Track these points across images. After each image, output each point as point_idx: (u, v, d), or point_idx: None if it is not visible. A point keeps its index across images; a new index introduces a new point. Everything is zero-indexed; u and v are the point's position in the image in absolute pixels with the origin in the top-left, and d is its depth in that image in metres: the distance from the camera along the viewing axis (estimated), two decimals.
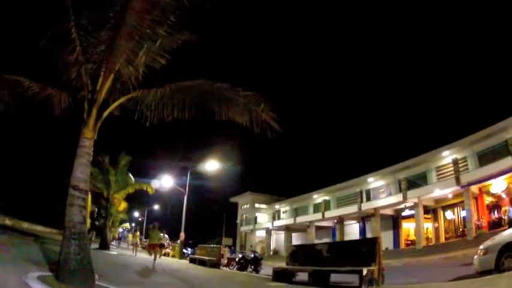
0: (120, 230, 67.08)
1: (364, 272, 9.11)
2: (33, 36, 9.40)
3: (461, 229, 32.36)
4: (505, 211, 28.06)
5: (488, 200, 30.71)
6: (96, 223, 33.34)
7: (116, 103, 10.04)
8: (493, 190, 29.83)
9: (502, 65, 63.68)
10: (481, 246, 10.15)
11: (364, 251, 10.41)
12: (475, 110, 63.24)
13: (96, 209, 33.26)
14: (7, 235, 18.09)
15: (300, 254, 14.31)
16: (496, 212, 29.50)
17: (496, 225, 27.35)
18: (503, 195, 29.04)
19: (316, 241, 39.34)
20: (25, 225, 34.63)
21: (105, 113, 9.71)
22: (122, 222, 59.36)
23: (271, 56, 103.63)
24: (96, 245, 27.99)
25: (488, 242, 10.11)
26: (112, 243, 44.37)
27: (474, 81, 70.12)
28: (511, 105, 35.70)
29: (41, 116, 11.20)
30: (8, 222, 31.51)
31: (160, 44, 9.96)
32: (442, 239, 34.17)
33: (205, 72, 10.59)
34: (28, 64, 10.37)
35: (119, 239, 58.51)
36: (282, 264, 14.82)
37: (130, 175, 32.12)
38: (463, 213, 31.52)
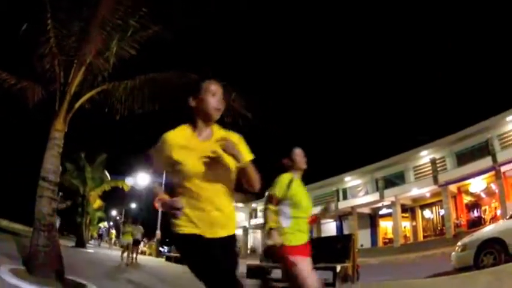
0: (102, 226, 65.51)
1: (338, 268, 8.80)
2: (8, 25, 9.36)
3: (439, 228, 32.55)
4: (485, 210, 28.22)
5: (467, 199, 30.95)
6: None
7: (87, 95, 9.89)
8: (472, 189, 30.09)
9: (484, 67, 64.36)
10: (459, 243, 10.02)
11: (338, 248, 10.13)
12: (454, 111, 63.76)
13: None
14: None
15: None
16: (475, 211, 29.68)
17: (476, 224, 27.36)
18: (483, 195, 29.20)
19: None
20: (4, 222, 33.81)
21: (76, 105, 9.56)
22: (99, 220, 58.53)
23: (253, 50, 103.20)
24: (73, 243, 27.40)
25: (467, 239, 10.01)
26: (90, 242, 43.60)
27: (455, 82, 70.71)
28: (492, 105, 36.03)
29: (16, 110, 11.03)
30: None
31: (132, 35, 9.88)
32: (421, 238, 34.32)
33: (191, 66, 10.56)
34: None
35: (99, 236, 53.98)
36: (258, 262, 14.48)
37: (106, 172, 31.66)
38: (442, 212, 31.69)
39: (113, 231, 45.13)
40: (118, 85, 10.13)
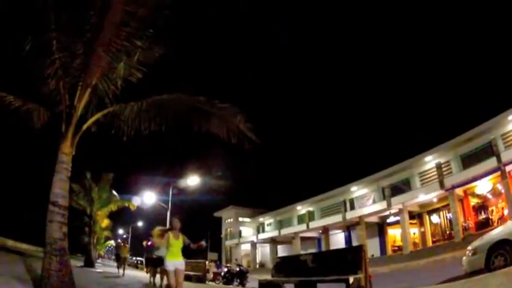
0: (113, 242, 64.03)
1: (351, 280, 8.79)
2: (14, 48, 9.28)
3: (448, 232, 32.34)
4: (492, 211, 28.11)
5: (474, 201, 30.80)
6: None
7: (93, 118, 10.00)
8: (478, 191, 29.96)
9: (483, 68, 64.40)
10: (470, 247, 9.95)
11: (349, 259, 10.10)
12: (456, 113, 63.75)
13: None
14: None
15: (285, 266, 13.92)
16: (483, 213, 29.54)
17: (484, 226, 27.34)
18: (489, 196, 29.12)
19: (302, 252, 38.96)
20: (10, 242, 33.82)
21: (83, 128, 9.68)
22: (106, 239, 58.23)
23: (249, 68, 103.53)
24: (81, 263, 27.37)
25: (477, 242, 9.92)
26: (98, 261, 43.24)
27: (454, 85, 70.69)
28: (493, 106, 36.13)
29: (23, 132, 11.11)
30: None
31: (137, 57, 9.92)
32: (429, 243, 34.13)
33: (183, 85, 10.60)
34: (5, 76, 10.13)
35: (117, 258, 43.48)
36: (268, 277, 14.46)
37: (114, 192, 31.70)
38: (449, 216, 31.52)
39: (128, 246, 37.20)
40: (124, 107, 10.27)
